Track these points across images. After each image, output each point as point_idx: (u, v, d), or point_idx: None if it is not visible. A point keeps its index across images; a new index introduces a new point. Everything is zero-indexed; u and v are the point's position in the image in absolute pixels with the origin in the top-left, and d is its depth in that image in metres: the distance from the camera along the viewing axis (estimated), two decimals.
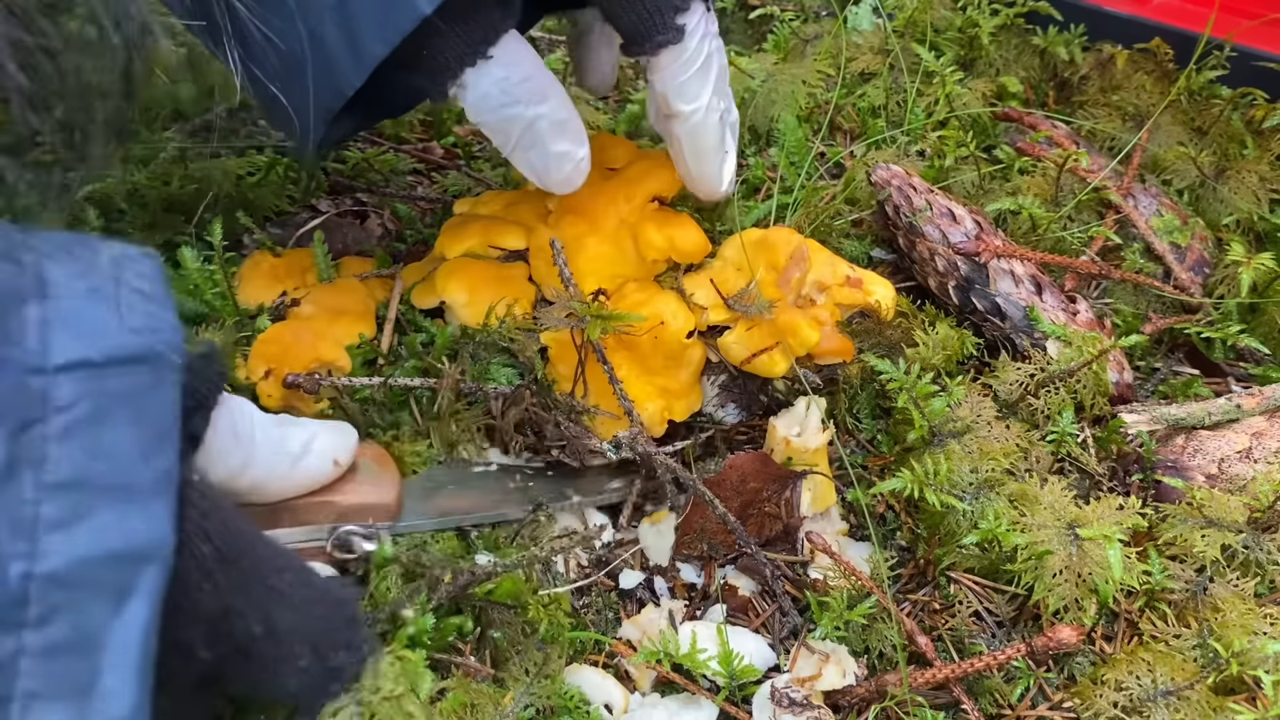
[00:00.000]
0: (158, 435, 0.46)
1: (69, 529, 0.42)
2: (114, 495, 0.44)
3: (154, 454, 0.46)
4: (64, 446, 0.43)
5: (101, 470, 0.44)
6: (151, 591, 0.44)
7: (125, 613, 0.43)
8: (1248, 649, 0.70)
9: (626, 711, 0.70)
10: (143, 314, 0.48)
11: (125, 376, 0.46)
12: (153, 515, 0.45)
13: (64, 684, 0.42)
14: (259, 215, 1.01)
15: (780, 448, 0.80)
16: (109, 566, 0.43)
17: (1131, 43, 1.19)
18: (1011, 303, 0.91)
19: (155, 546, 0.45)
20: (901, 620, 0.73)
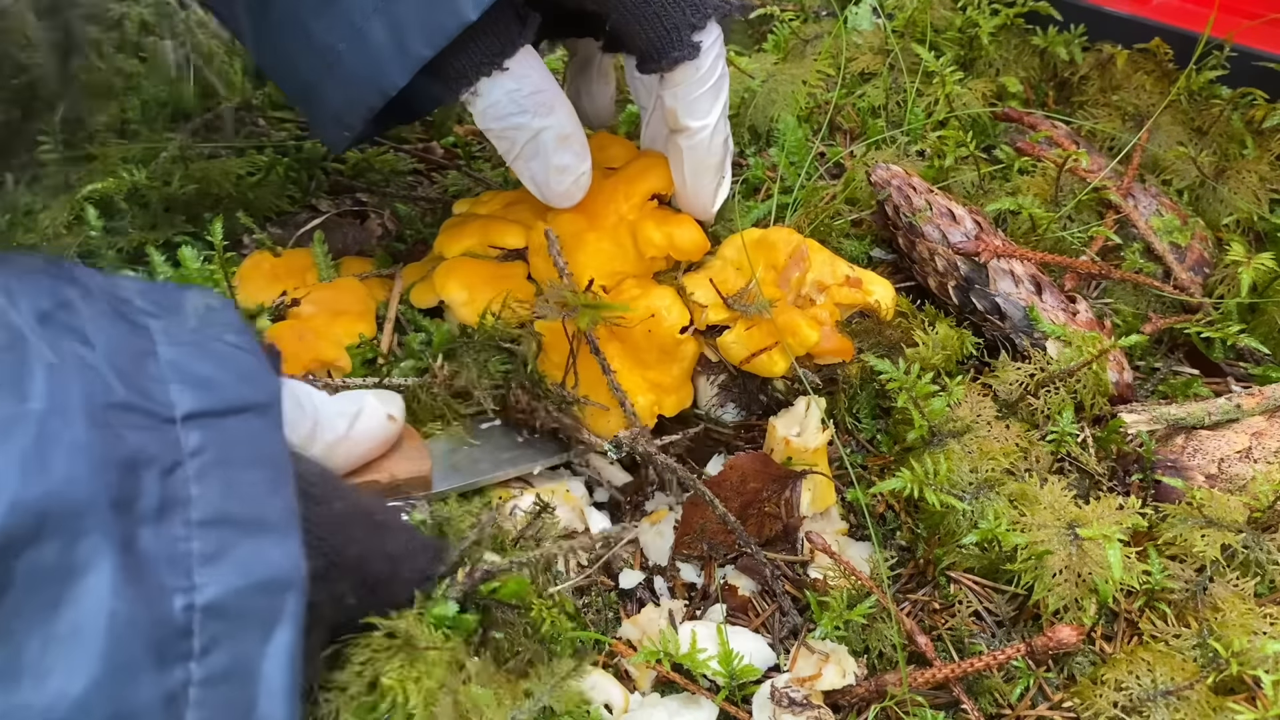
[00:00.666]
0: (276, 473, 0.49)
1: (217, 563, 0.45)
2: (251, 530, 0.46)
3: (277, 490, 0.49)
4: (202, 486, 0.46)
5: (237, 508, 0.46)
6: (295, 616, 0.46)
7: (274, 639, 0.45)
8: (1248, 649, 0.70)
9: (626, 711, 0.70)
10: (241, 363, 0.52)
11: (240, 424, 0.49)
12: (286, 547, 0.47)
13: (227, 711, 0.44)
14: (259, 215, 1.01)
15: (780, 448, 0.80)
16: (257, 596, 0.45)
17: (1131, 43, 1.19)
18: (1011, 303, 0.91)
19: (293, 574, 0.47)
20: (901, 620, 0.73)
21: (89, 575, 0.41)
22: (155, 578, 0.43)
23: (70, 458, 0.41)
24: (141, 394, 0.46)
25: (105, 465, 0.42)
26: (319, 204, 1.05)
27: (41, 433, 0.41)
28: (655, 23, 0.74)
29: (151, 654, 0.42)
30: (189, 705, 0.43)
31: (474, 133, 1.21)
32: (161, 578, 0.43)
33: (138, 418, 0.45)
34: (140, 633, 0.41)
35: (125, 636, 0.41)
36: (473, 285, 0.82)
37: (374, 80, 0.71)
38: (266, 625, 0.45)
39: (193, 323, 0.52)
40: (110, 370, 0.45)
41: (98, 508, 0.41)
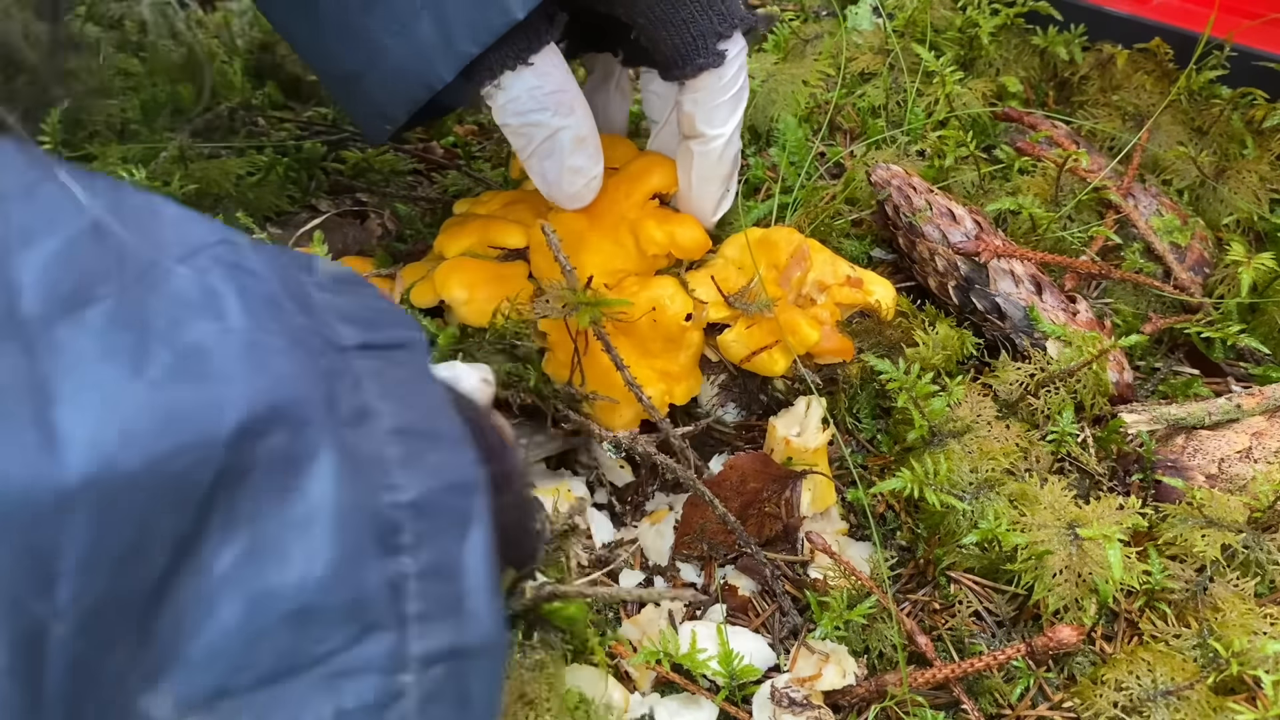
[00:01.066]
0: (441, 398, 0.51)
1: (411, 466, 0.46)
2: (433, 440, 0.48)
3: (445, 411, 0.51)
4: (384, 402, 0.47)
5: (418, 420, 0.48)
6: (483, 517, 0.48)
7: (470, 537, 0.47)
8: (1248, 649, 0.70)
9: (627, 711, 0.70)
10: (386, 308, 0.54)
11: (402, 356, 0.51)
12: (465, 456, 0.49)
13: (443, 605, 0.45)
14: (259, 215, 1.01)
15: (780, 447, 0.80)
16: (450, 496, 0.47)
17: (1131, 42, 1.19)
18: (1011, 303, 0.91)
19: (476, 478, 0.48)
20: (901, 620, 0.73)
21: (314, 463, 0.42)
22: (366, 476, 0.44)
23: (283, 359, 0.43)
24: (315, 320, 0.48)
25: (311, 370, 0.44)
26: (319, 204, 1.05)
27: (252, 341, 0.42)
28: (683, 29, 0.76)
29: (375, 542, 0.43)
30: (409, 596, 0.44)
31: (474, 133, 1.21)
32: (370, 475, 0.44)
33: (319, 339, 0.47)
34: (363, 521, 0.43)
35: (352, 522, 0.42)
36: (473, 285, 0.82)
37: (421, 75, 0.72)
38: (462, 524, 0.47)
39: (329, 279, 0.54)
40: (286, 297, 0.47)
41: (314, 403, 0.43)
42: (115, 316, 0.39)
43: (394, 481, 0.45)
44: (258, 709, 0.40)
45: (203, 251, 0.45)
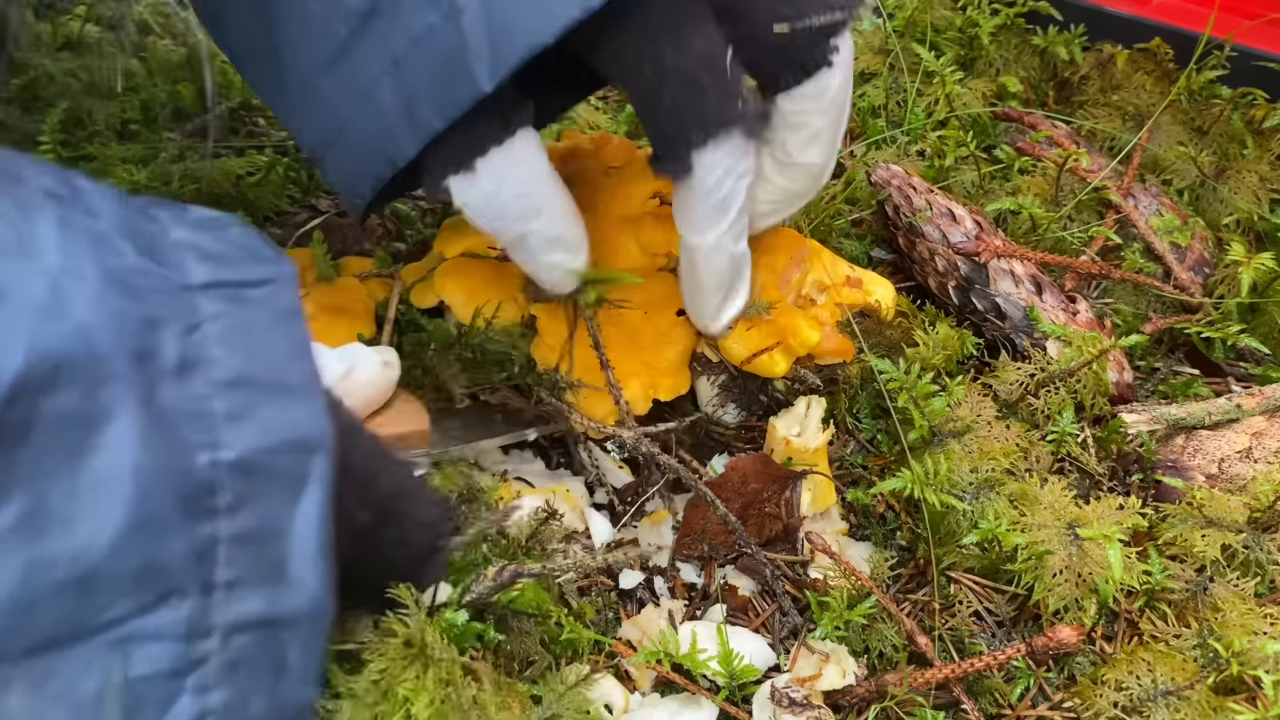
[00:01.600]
0: (298, 344, 0.49)
1: (241, 421, 0.44)
2: (275, 392, 0.46)
3: (299, 358, 0.48)
4: (223, 348, 0.45)
5: (260, 369, 0.46)
6: (322, 479, 0.46)
7: (303, 501, 0.45)
8: (1248, 649, 0.70)
9: (627, 712, 0.70)
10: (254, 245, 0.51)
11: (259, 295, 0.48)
12: (312, 409, 0.47)
13: (258, 572, 0.44)
14: (259, 215, 1.01)
15: (780, 448, 0.80)
16: (284, 454, 0.45)
17: (1132, 43, 1.19)
18: (1011, 303, 0.91)
19: (319, 436, 0.46)
20: (901, 620, 0.73)
21: (112, 424, 0.40)
22: (178, 432, 0.42)
23: (87, 307, 0.41)
24: (155, 260, 0.46)
25: (124, 318, 0.42)
26: (319, 204, 1.05)
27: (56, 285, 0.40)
28: (656, 121, 0.66)
29: (179, 507, 0.41)
30: (218, 562, 0.42)
31: None
32: (185, 433, 0.42)
33: (153, 280, 0.44)
34: (167, 484, 0.41)
35: (152, 487, 0.41)
36: (473, 285, 0.82)
37: (383, 149, 0.65)
38: (294, 486, 0.45)
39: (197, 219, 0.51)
40: (122, 238, 0.45)
41: (118, 356, 0.41)
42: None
43: (217, 439, 0.43)
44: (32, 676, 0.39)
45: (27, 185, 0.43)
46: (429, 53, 0.61)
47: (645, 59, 0.63)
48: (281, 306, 0.49)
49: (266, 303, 0.48)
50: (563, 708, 0.66)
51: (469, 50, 0.60)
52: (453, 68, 0.61)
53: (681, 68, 0.63)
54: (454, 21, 0.60)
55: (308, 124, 0.69)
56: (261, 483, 0.44)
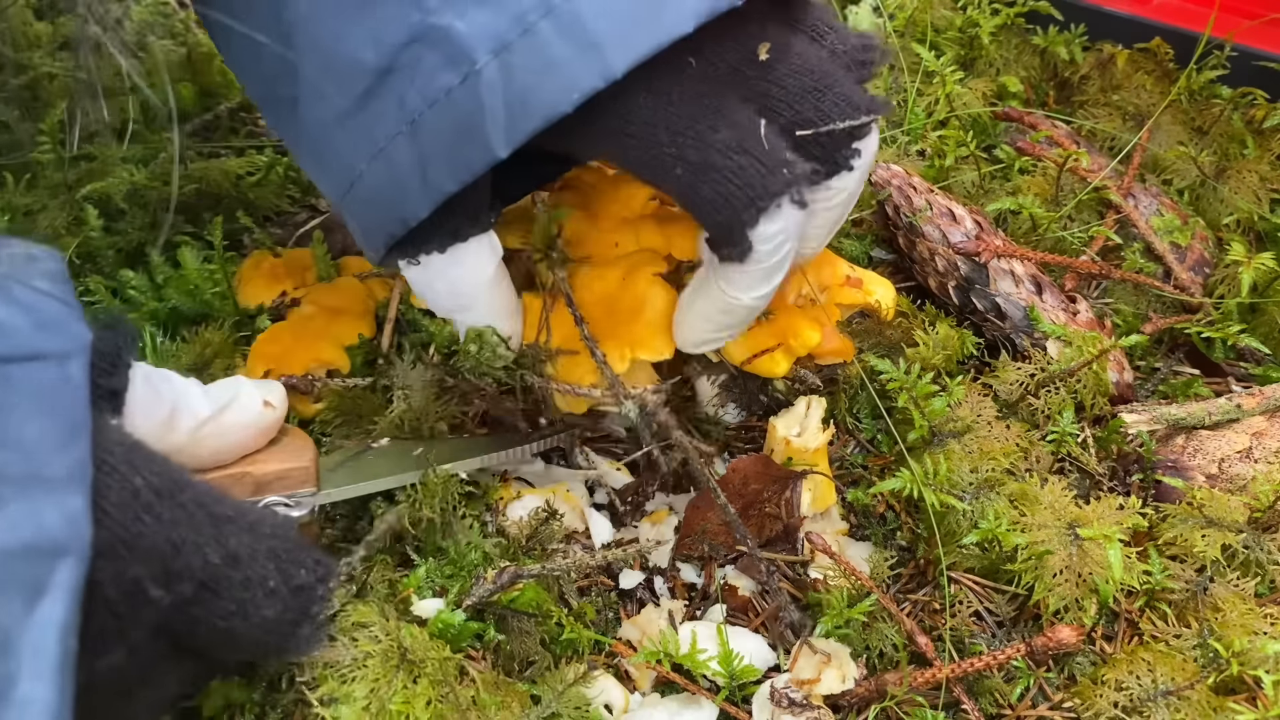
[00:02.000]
0: (68, 428, 0.45)
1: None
2: (25, 486, 0.42)
3: (65, 446, 0.45)
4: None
5: (10, 461, 0.42)
6: (68, 587, 0.42)
7: (39, 611, 0.41)
8: (1248, 649, 0.70)
9: (627, 712, 0.70)
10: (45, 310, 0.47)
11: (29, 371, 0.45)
12: (67, 508, 0.43)
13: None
14: (259, 215, 1.01)
15: (780, 448, 0.80)
16: (21, 561, 0.41)
17: (1132, 42, 1.19)
18: (1011, 303, 0.91)
19: (71, 539, 0.43)
20: (901, 620, 0.73)
21: None
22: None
23: None
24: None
25: None
26: (319, 204, 1.05)
27: None
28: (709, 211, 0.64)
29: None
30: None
31: None
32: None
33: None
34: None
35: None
36: None
37: (395, 207, 0.64)
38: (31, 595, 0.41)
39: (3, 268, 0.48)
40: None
41: None
42: None
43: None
44: None
45: None
46: (445, 115, 0.60)
47: (671, 162, 0.63)
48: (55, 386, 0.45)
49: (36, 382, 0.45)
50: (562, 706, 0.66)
51: (485, 115, 0.59)
52: (468, 132, 0.60)
53: (712, 161, 0.62)
54: (472, 86, 0.59)
55: (324, 175, 0.68)
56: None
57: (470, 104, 0.59)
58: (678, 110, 0.62)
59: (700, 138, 0.62)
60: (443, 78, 0.59)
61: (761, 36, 0.65)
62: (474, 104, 0.59)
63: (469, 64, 0.59)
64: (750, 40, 0.65)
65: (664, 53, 0.58)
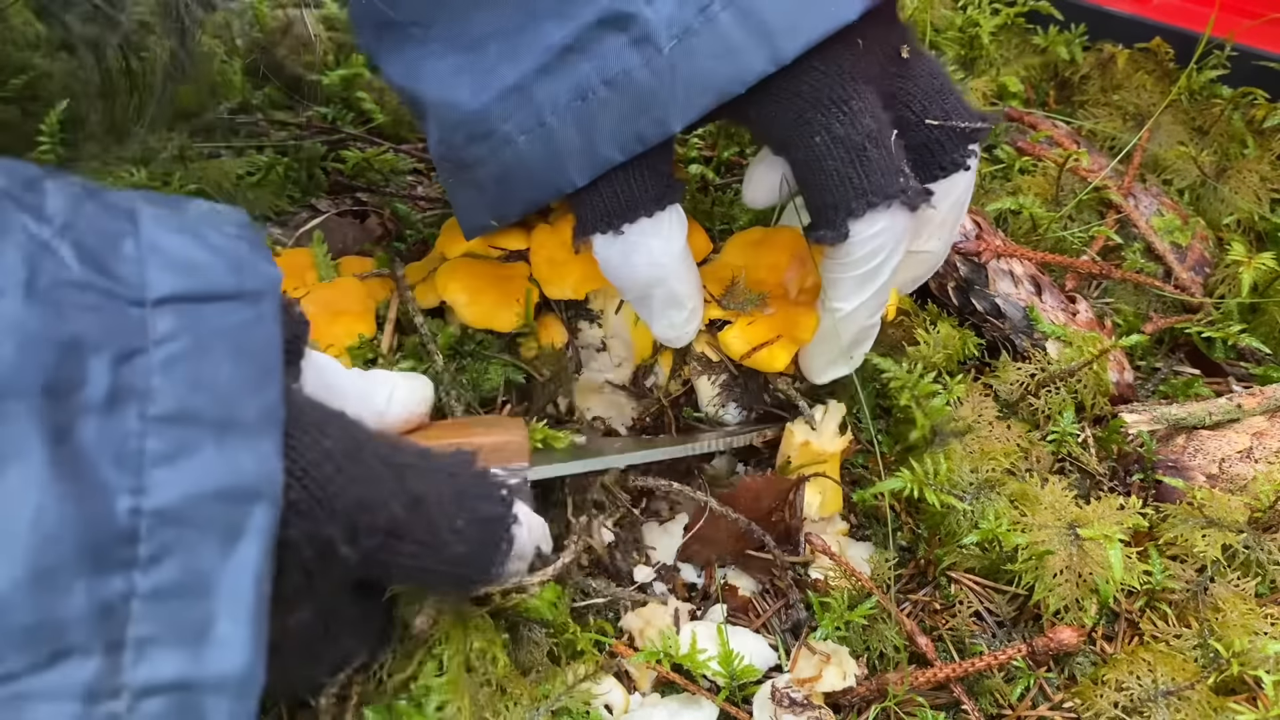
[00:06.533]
0: (261, 371, 0.45)
1: (176, 464, 0.41)
2: (220, 430, 0.42)
3: (258, 389, 0.45)
4: (167, 378, 0.42)
5: (206, 404, 0.42)
6: (262, 531, 0.42)
7: (236, 554, 0.42)
8: (1248, 649, 0.70)
9: (627, 712, 0.70)
10: (238, 255, 0.47)
11: (224, 312, 0.45)
12: (260, 451, 0.43)
13: (177, 629, 0.40)
14: (259, 215, 1.01)
15: (796, 452, 0.80)
16: (218, 503, 0.42)
17: (1132, 42, 1.19)
18: (1011, 303, 0.91)
19: (264, 483, 0.43)
20: (902, 620, 0.73)
21: (13, 466, 0.37)
22: (96, 474, 0.39)
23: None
24: (103, 272, 0.42)
25: (40, 345, 0.39)
26: (319, 204, 1.05)
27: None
28: (818, 192, 0.68)
29: (86, 558, 0.38)
30: (130, 619, 0.39)
31: None
32: (104, 475, 0.39)
33: (94, 297, 0.41)
34: (73, 533, 0.38)
35: (54, 536, 0.38)
36: (474, 286, 0.82)
37: (549, 176, 0.69)
38: (228, 537, 0.41)
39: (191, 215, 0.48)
40: (68, 246, 0.42)
41: (25, 391, 0.38)
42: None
43: (143, 483, 0.40)
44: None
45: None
46: (622, 93, 0.65)
47: (817, 127, 0.66)
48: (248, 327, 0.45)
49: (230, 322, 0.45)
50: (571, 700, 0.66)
51: (663, 93, 0.65)
52: (644, 108, 0.65)
53: (851, 139, 0.66)
54: (654, 67, 0.64)
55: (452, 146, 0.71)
56: (190, 532, 0.41)
57: (651, 84, 0.65)
58: (841, 85, 0.66)
59: (852, 116, 0.66)
60: (625, 58, 0.65)
61: (901, 38, 0.71)
62: (653, 83, 0.65)
63: (654, 47, 0.64)
64: (894, 38, 0.71)
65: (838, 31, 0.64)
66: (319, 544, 0.49)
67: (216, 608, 0.41)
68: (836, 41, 0.65)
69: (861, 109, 0.67)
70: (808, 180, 0.69)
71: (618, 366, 0.88)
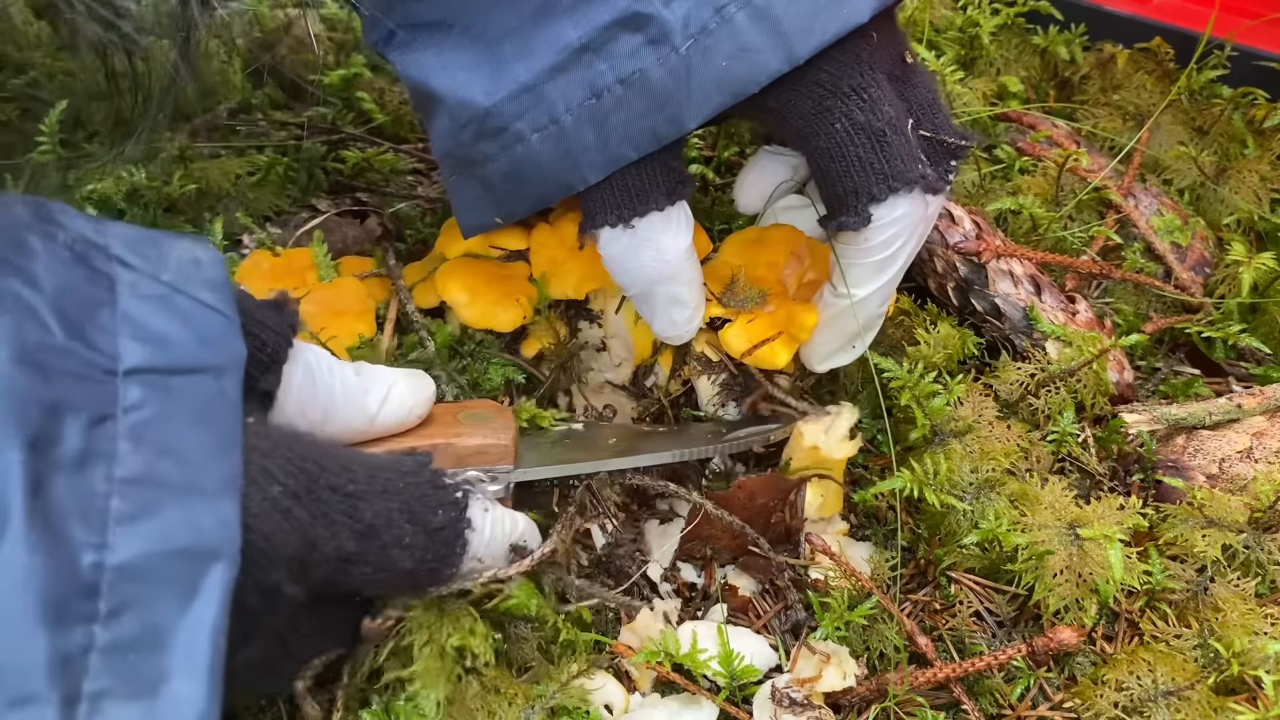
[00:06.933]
0: (223, 439, 0.47)
1: (137, 523, 0.42)
2: (181, 493, 0.44)
3: (219, 455, 0.47)
4: (133, 444, 0.44)
5: (169, 469, 0.44)
6: (220, 589, 0.44)
7: (193, 611, 0.43)
8: (1248, 649, 0.70)
9: (627, 712, 0.70)
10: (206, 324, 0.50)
11: (190, 385, 0.47)
12: (220, 514, 0.45)
13: (133, 684, 0.41)
14: (259, 215, 1.01)
15: (803, 453, 0.80)
16: (178, 562, 0.43)
17: (1132, 42, 1.19)
18: (1010, 304, 0.91)
19: (224, 543, 0.45)
20: (902, 620, 0.73)
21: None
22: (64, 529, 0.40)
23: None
24: (83, 341, 0.44)
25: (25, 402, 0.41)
26: (319, 204, 1.05)
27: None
28: (837, 180, 0.69)
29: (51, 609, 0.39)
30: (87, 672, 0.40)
31: None
32: (71, 530, 0.41)
33: (74, 364, 0.43)
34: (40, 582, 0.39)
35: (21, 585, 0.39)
36: (474, 286, 0.82)
37: (562, 174, 0.69)
38: (185, 594, 0.43)
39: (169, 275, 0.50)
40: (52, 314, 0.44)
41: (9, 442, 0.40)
42: None
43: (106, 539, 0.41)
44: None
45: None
46: (637, 92, 0.66)
47: (838, 114, 0.68)
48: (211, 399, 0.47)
49: (195, 394, 0.47)
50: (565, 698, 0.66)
51: (677, 92, 0.65)
52: (659, 107, 0.66)
53: (872, 125, 0.68)
54: (669, 66, 0.65)
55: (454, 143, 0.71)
56: (149, 588, 0.42)
57: (666, 84, 0.65)
58: (860, 73, 0.68)
59: (872, 103, 0.68)
60: (640, 57, 0.65)
61: (903, 44, 0.73)
62: (669, 83, 0.65)
63: (669, 47, 0.65)
64: (900, 44, 0.73)
65: None
66: (265, 588, 0.50)
67: (173, 663, 0.42)
68: (853, 34, 0.66)
69: (880, 96, 0.68)
70: (827, 168, 0.70)
71: (618, 366, 0.88)
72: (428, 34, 0.72)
